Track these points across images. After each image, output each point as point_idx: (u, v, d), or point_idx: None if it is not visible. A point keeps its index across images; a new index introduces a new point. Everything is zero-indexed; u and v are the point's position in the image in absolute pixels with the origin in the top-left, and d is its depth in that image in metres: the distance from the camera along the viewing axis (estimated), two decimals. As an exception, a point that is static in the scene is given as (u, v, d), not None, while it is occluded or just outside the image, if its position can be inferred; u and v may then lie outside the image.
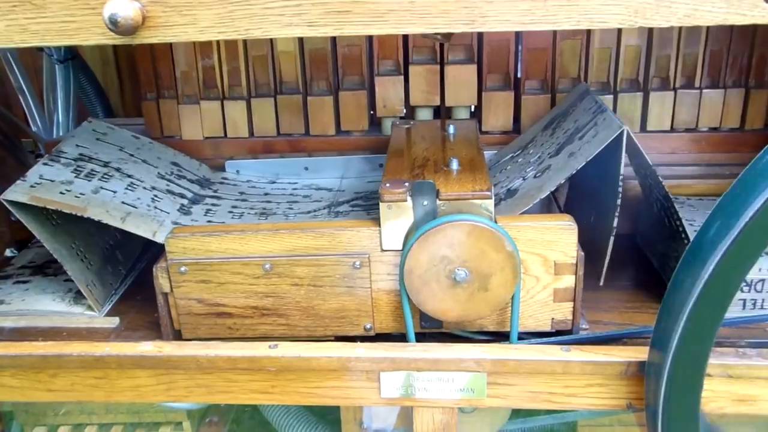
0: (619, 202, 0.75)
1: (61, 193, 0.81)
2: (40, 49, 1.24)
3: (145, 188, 0.89)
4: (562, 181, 0.77)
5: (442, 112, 1.07)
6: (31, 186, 0.80)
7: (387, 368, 0.71)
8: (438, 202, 0.71)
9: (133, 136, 1.00)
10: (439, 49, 1.02)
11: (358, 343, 0.73)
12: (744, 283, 0.77)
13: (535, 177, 0.83)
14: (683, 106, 1.01)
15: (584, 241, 0.74)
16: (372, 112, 1.08)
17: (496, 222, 0.71)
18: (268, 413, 1.01)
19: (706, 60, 1.00)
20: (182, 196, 0.93)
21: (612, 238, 0.76)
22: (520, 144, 0.98)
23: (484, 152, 0.98)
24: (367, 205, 0.91)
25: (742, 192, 0.56)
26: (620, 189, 0.75)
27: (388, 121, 1.06)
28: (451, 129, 0.92)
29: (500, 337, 0.77)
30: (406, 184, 0.72)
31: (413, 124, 0.99)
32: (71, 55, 1.25)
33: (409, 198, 0.71)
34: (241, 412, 1.14)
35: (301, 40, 1.04)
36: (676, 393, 0.63)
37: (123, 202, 0.84)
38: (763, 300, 0.78)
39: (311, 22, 0.58)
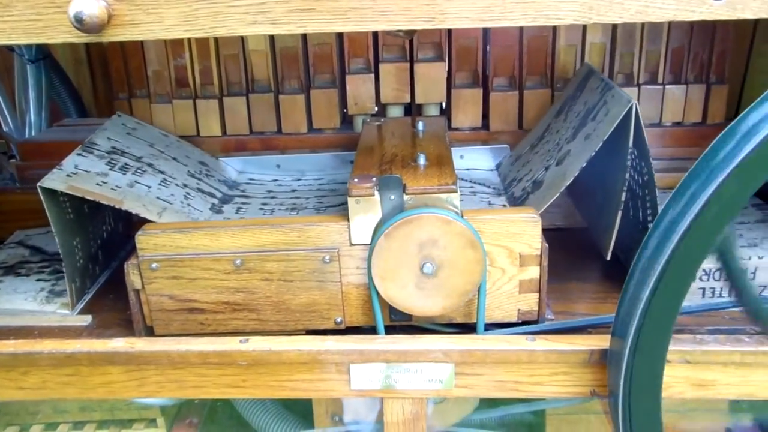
0: (627, 176, 0.76)
1: (98, 184, 0.81)
2: (11, 49, 1.23)
3: (177, 185, 0.90)
4: (584, 164, 0.76)
5: (412, 110, 1.09)
6: (68, 175, 0.80)
7: (356, 360, 0.72)
8: (405, 196, 0.72)
9: (161, 134, 1.01)
10: (409, 47, 1.03)
11: (328, 336, 0.74)
12: (703, 272, 0.79)
13: (556, 165, 0.83)
14: (647, 102, 1.04)
15: (591, 219, 0.73)
16: (344, 109, 1.10)
17: (461, 215, 0.72)
18: (244, 410, 1.02)
19: (668, 56, 1.02)
20: (212, 195, 0.94)
21: (620, 213, 0.77)
22: (537, 134, 0.99)
23: (472, 147, 1.03)
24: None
25: (696, 181, 0.58)
26: (629, 164, 0.75)
27: (359, 118, 1.08)
28: (420, 126, 0.94)
29: (468, 328, 0.78)
30: (374, 179, 0.74)
31: (384, 121, 1.00)
32: (43, 55, 1.24)
33: (376, 193, 0.73)
34: (215, 412, 1.14)
35: (272, 38, 1.05)
36: (637, 379, 0.65)
37: (158, 198, 0.85)
38: (721, 288, 0.80)
39: (275, 20, 0.59)
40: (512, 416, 0.98)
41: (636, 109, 0.73)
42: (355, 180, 0.74)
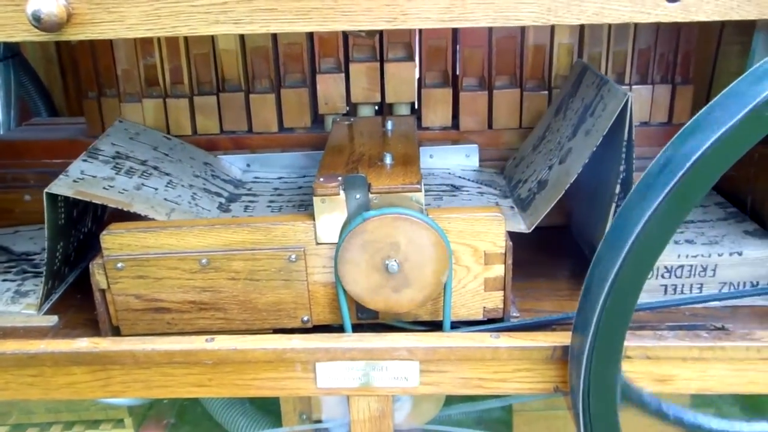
0: (622, 168, 0.76)
1: (105, 188, 0.82)
2: (-22, 48, 1.22)
3: (183, 186, 0.91)
4: (586, 161, 0.77)
5: (384, 109, 1.09)
6: (74, 181, 0.81)
7: (322, 358, 0.73)
8: (370, 195, 0.73)
9: (164, 137, 1.02)
10: (379, 47, 1.04)
11: (294, 334, 0.74)
12: (665, 270, 0.81)
13: (559, 163, 0.84)
14: (614, 102, 1.05)
15: (581, 213, 0.74)
16: (315, 109, 1.10)
17: (426, 214, 0.73)
18: (213, 409, 1.02)
19: (635, 57, 1.04)
20: (219, 194, 0.95)
21: (614, 205, 0.78)
22: (538, 134, 0.99)
23: (431, 146, 1.04)
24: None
25: (652, 181, 0.59)
26: (623, 156, 0.76)
27: (330, 118, 1.08)
28: (389, 125, 0.95)
29: (435, 326, 0.79)
30: (339, 178, 0.74)
31: (353, 120, 1.00)
32: (11, 53, 1.23)
33: (341, 192, 0.73)
34: (185, 412, 1.13)
35: (242, 38, 1.04)
36: (596, 375, 0.66)
37: (165, 199, 0.86)
38: (683, 285, 0.81)
39: (237, 19, 0.59)
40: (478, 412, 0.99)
41: (631, 102, 0.74)
42: (321, 179, 0.74)
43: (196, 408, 1.10)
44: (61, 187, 0.79)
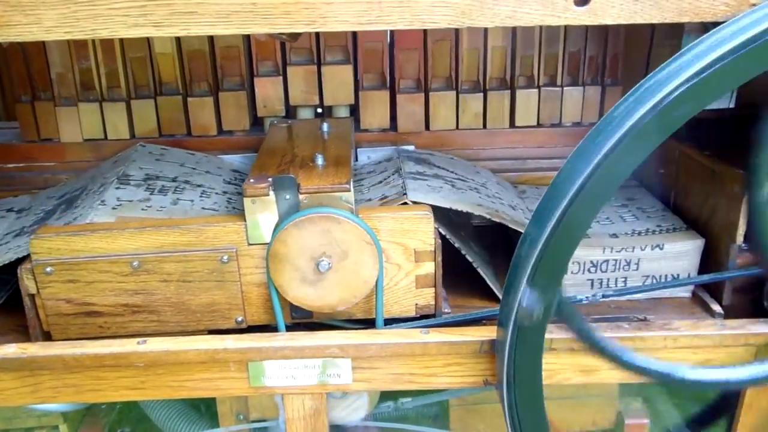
0: None
1: (143, 209, 0.84)
2: None
3: (217, 194, 0.92)
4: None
5: (323, 112, 1.10)
6: (113, 208, 0.83)
7: (255, 358, 0.73)
8: (300, 196, 0.74)
9: (188, 153, 1.03)
10: (316, 50, 1.05)
11: (227, 335, 0.75)
12: (591, 264, 0.84)
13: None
14: (547, 103, 1.08)
15: None
16: (254, 112, 1.10)
17: (356, 213, 0.74)
18: (151, 412, 1.01)
19: (566, 60, 1.07)
20: None
21: None
22: None
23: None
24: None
25: (559, 186, 0.62)
26: None
27: (269, 120, 1.08)
28: (325, 127, 0.95)
29: (370, 324, 0.80)
30: (270, 179, 0.75)
31: (291, 122, 1.01)
32: (-57, 57, 1.20)
33: (271, 192, 0.74)
34: (123, 416, 1.12)
35: (178, 41, 1.04)
36: (519, 367, 0.68)
37: (203, 208, 0.87)
38: (608, 279, 0.84)
39: (157, 22, 0.60)
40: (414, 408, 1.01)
41: None
42: (251, 180, 0.75)
43: (135, 412, 1.09)
44: (101, 216, 0.80)
